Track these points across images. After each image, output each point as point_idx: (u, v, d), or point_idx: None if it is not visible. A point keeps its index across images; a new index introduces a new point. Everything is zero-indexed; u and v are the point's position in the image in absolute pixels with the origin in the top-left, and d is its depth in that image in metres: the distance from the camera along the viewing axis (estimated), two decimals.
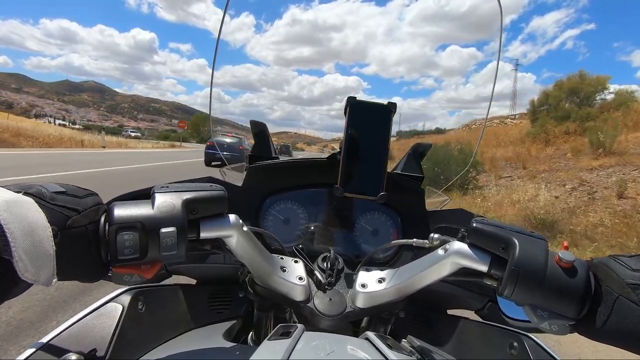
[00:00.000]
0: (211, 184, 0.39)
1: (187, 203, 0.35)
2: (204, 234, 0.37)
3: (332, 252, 0.53)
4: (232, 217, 0.39)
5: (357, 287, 0.46)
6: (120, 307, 0.43)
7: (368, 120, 0.54)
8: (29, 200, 0.28)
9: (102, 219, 0.33)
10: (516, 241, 0.34)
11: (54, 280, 0.27)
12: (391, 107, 0.54)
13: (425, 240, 0.44)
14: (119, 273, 0.33)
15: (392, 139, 0.57)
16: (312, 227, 0.65)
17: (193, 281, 0.65)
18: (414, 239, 0.46)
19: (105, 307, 0.43)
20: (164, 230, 0.32)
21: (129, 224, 0.32)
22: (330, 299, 0.47)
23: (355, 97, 0.54)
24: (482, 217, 0.43)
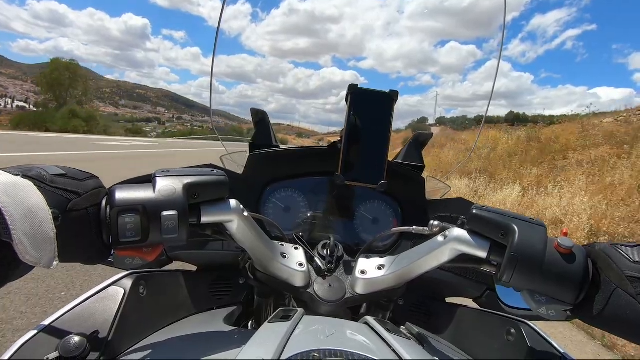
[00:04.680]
0: (212, 169, 0.41)
1: (188, 187, 0.36)
2: (204, 219, 0.38)
3: (332, 239, 0.56)
4: (232, 202, 0.41)
5: (357, 273, 0.48)
6: (122, 291, 0.45)
7: (370, 108, 0.56)
8: (28, 183, 0.29)
9: (104, 201, 0.34)
10: (515, 227, 0.36)
11: (55, 263, 0.28)
12: (393, 95, 0.56)
13: (425, 228, 0.46)
14: (120, 256, 0.35)
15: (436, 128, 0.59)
16: (313, 215, 0.67)
17: (194, 267, 0.67)
18: (414, 226, 0.48)
19: (107, 291, 0.45)
20: (165, 213, 0.34)
21: (131, 207, 0.33)
22: (330, 285, 0.49)
23: (357, 85, 0.56)
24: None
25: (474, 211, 0.39)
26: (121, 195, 0.34)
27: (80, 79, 32.94)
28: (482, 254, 0.38)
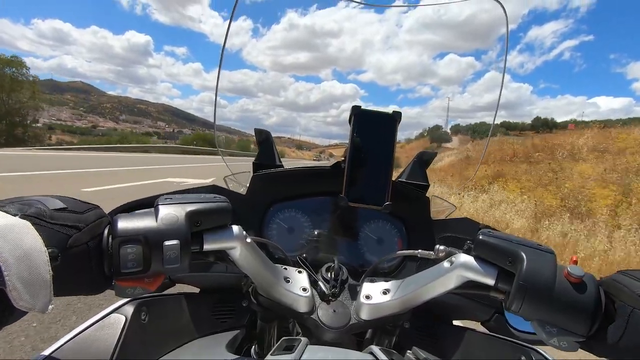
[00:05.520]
0: (215, 195, 0.41)
1: (190, 215, 0.36)
2: (207, 246, 0.38)
3: (336, 262, 0.55)
4: (235, 228, 0.41)
5: (362, 298, 0.48)
6: (123, 318, 0.44)
7: (373, 129, 0.57)
8: (25, 223, 0.28)
9: (106, 231, 0.35)
10: (523, 255, 0.35)
11: (50, 307, 0.28)
12: (396, 116, 0.56)
13: (431, 252, 0.46)
14: (122, 286, 0.35)
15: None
16: (316, 236, 0.67)
17: (196, 289, 0.67)
18: (419, 250, 0.48)
19: (108, 319, 0.44)
20: (167, 243, 0.34)
21: (133, 237, 0.33)
22: (334, 311, 0.48)
23: (360, 106, 0.56)
24: (489, 227, 0.44)
25: (480, 237, 0.39)
26: (123, 224, 0.34)
27: (25, 80, 24.86)
28: (490, 282, 0.38)
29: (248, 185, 0.68)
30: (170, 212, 0.36)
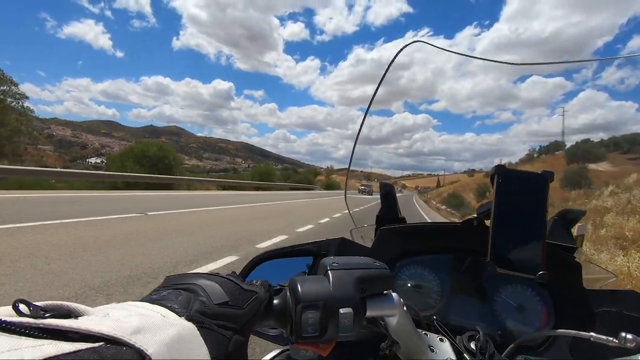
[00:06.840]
0: (374, 261, 0.41)
1: (359, 281, 0.37)
2: (370, 313, 0.38)
3: (481, 332, 0.51)
4: (395, 296, 0.40)
5: None
6: None
7: (520, 190, 0.53)
8: (192, 330, 0.25)
9: (288, 293, 0.36)
10: None
11: None
12: (547, 176, 0.52)
13: (612, 338, 0.40)
14: (298, 349, 0.36)
15: None
16: (446, 297, 0.64)
17: None
18: (592, 333, 0.42)
19: None
20: (342, 311, 0.34)
21: (313, 303, 0.34)
22: None
23: (505, 166, 0.54)
24: None
25: None
26: (304, 289, 0.35)
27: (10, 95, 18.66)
28: None
29: (373, 238, 0.68)
30: (341, 278, 0.36)
